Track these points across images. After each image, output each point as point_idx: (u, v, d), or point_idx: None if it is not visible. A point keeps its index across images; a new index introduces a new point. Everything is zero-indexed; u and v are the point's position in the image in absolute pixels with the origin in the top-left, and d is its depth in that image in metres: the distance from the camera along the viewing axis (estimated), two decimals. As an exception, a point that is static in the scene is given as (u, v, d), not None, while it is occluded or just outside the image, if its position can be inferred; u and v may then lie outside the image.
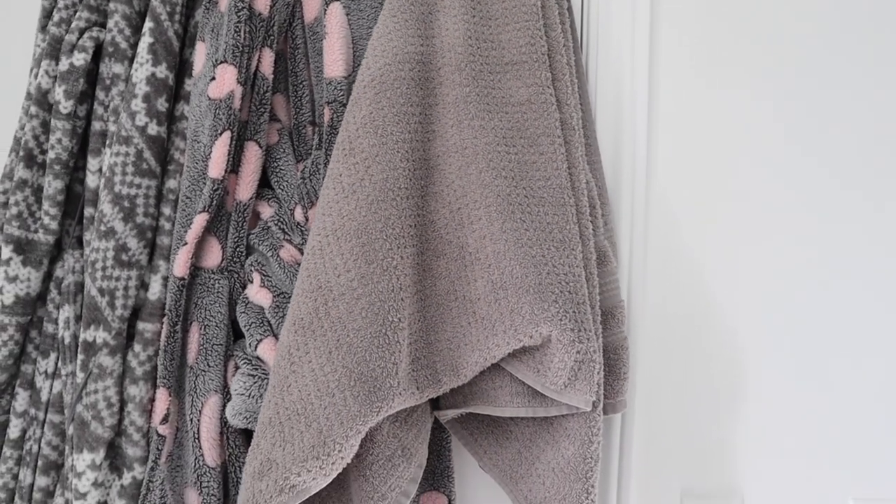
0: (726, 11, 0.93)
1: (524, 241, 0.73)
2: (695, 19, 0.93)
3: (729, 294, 0.93)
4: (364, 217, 0.72)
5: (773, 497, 0.94)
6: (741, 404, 0.93)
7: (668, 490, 0.93)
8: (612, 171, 0.90)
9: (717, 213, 0.93)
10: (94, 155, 0.83)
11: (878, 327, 0.94)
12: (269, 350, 0.79)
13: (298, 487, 0.68)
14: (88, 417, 0.78)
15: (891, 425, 0.94)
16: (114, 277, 0.78)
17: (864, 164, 0.93)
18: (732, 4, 0.93)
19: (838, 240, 0.94)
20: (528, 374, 0.74)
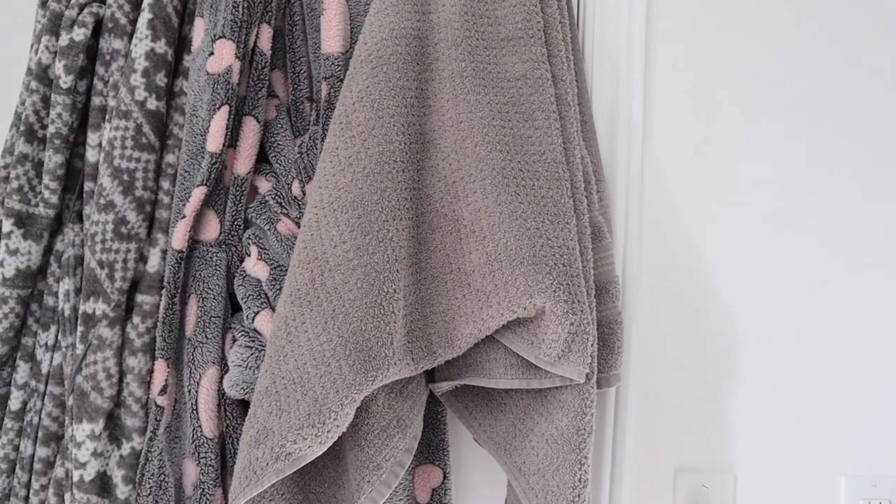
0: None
1: (519, 214, 0.73)
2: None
3: (724, 271, 0.93)
4: (360, 189, 0.73)
5: (766, 474, 0.94)
6: (735, 381, 0.94)
7: (661, 466, 0.94)
8: (608, 147, 0.90)
9: (714, 190, 0.93)
10: (94, 130, 0.84)
11: (869, 308, 0.95)
12: (266, 322, 0.80)
13: (294, 455, 0.69)
14: (88, 388, 0.79)
15: (882, 403, 0.95)
16: (113, 250, 0.79)
17: (859, 150, 0.94)
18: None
19: (833, 220, 0.94)
20: (522, 346, 0.74)
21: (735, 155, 0.93)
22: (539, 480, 0.76)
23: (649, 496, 0.94)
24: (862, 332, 0.95)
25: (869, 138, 0.94)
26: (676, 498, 0.93)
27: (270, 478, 0.69)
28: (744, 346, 0.94)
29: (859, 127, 0.94)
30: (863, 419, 0.94)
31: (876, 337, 0.95)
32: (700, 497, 0.93)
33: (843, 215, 0.94)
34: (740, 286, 0.94)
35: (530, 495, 0.77)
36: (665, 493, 0.93)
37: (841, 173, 0.94)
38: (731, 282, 0.94)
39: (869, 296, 0.95)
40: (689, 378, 0.93)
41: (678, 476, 0.93)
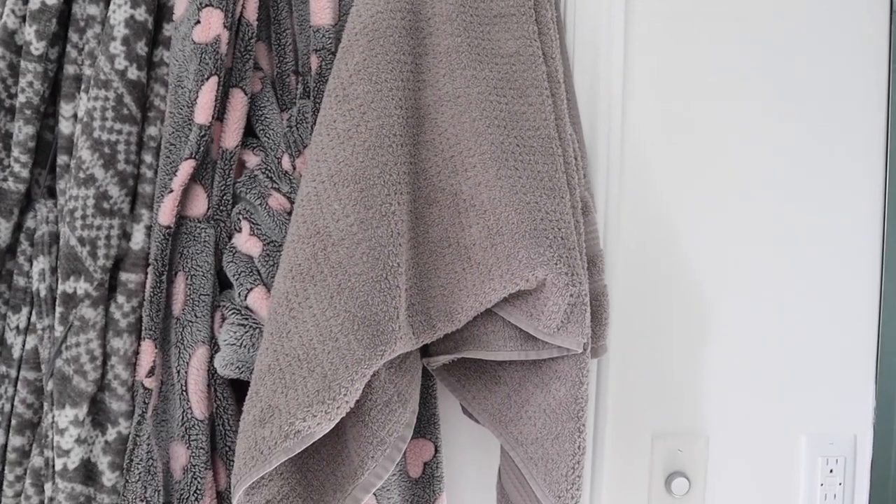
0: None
1: (518, 189, 0.74)
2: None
3: (698, 245, 0.97)
4: (361, 163, 0.72)
5: (734, 435, 0.99)
6: (707, 350, 0.98)
7: (639, 432, 0.97)
8: (589, 124, 0.92)
9: (691, 167, 0.97)
10: (68, 100, 0.79)
11: (827, 283, 1.01)
12: (260, 299, 0.78)
13: (304, 433, 0.68)
14: (70, 372, 0.75)
15: (837, 368, 1.01)
16: (94, 226, 0.76)
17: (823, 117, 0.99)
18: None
19: (804, 191, 1.00)
20: (521, 319, 0.76)
21: (713, 133, 0.97)
22: (538, 449, 0.78)
23: (629, 461, 0.97)
24: (821, 305, 1.01)
25: (844, 122, 1.00)
26: (654, 462, 0.97)
27: (279, 456, 0.68)
28: (715, 317, 0.98)
29: (835, 108, 1.00)
30: (820, 383, 1.01)
31: (832, 310, 1.01)
32: (675, 460, 0.98)
33: (818, 188, 1.00)
34: (712, 260, 0.98)
35: (529, 464, 0.79)
36: (643, 458, 0.97)
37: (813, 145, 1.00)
38: (703, 256, 0.98)
39: (825, 273, 1.01)
40: (665, 348, 0.97)
41: (655, 441, 0.97)
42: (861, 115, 1.01)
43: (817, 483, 1.00)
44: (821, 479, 1.00)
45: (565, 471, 0.76)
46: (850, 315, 1.01)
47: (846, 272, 1.01)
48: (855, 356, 1.01)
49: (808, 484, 1.01)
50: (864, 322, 1.01)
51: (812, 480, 1.00)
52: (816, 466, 1.00)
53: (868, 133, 1.01)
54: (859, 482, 1.02)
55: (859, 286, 1.01)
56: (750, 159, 0.98)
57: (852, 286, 1.01)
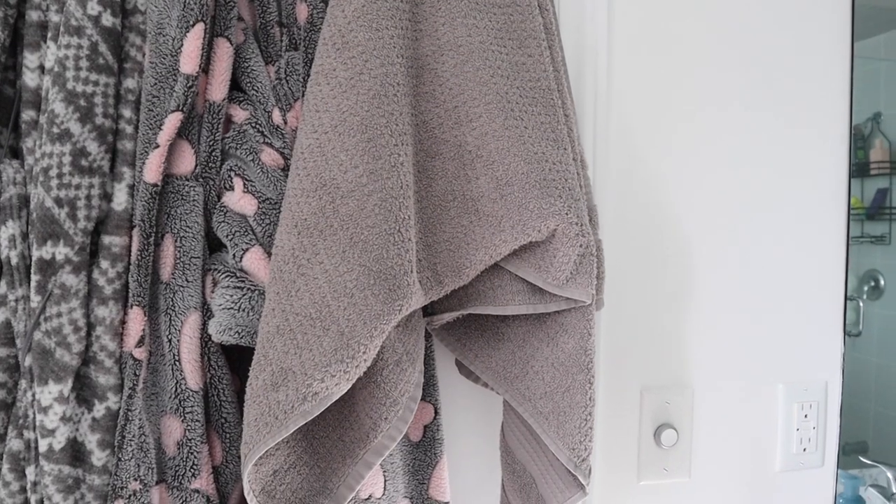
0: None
1: (525, 139, 0.73)
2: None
3: (683, 201, 0.99)
4: (367, 112, 0.69)
5: (717, 386, 1.02)
6: (691, 303, 1.00)
7: (629, 386, 0.98)
8: (576, 77, 0.92)
9: (675, 121, 0.98)
10: (33, 49, 0.72)
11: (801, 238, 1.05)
12: (257, 260, 0.74)
13: (322, 394, 0.65)
14: (52, 345, 0.69)
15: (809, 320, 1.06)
16: (73, 185, 0.69)
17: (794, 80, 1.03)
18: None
19: (778, 150, 1.03)
20: (529, 272, 0.75)
21: (695, 88, 0.99)
22: (548, 403, 0.77)
23: (619, 414, 0.98)
24: (794, 259, 1.05)
25: (819, 80, 1.03)
26: (643, 414, 0.99)
27: (297, 420, 0.64)
28: (699, 272, 1.00)
29: (814, 69, 1.03)
30: (795, 334, 1.05)
31: (804, 265, 1.05)
32: (663, 413, 0.99)
33: (790, 151, 1.03)
34: (695, 214, 1.00)
35: (539, 419, 0.78)
36: (632, 411, 0.98)
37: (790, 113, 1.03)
38: (688, 212, 1.00)
39: (798, 231, 1.05)
40: (652, 303, 0.99)
41: (644, 394, 0.99)
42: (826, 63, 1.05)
43: (794, 428, 1.05)
44: (797, 423, 1.04)
45: (578, 423, 0.75)
46: (821, 271, 1.06)
47: (817, 232, 1.05)
48: (825, 308, 1.06)
49: (785, 429, 1.05)
50: (832, 277, 1.06)
51: (789, 425, 1.05)
52: (793, 412, 1.04)
53: (833, 77, 1.05)
54: (830, 425, 1.07)
55: (828, 244, 1.06)
56: (730, 116, 1.00)
57: (822, 245, 1.06)
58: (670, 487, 1.01)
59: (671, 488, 1.01)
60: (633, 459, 0.99)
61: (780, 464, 1.05)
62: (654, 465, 0.99)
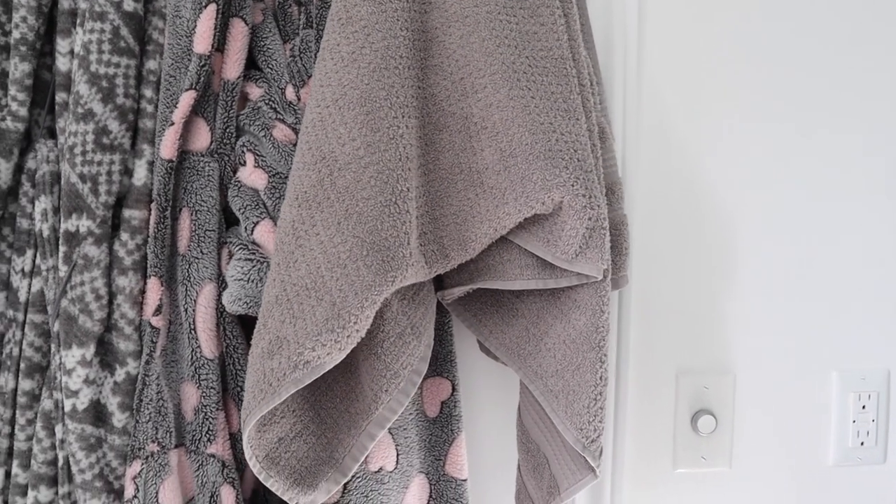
0: None
1: (531, 109, 0.71)
2: None
3: (722, 172, 0.94)
4: (367, 85, 0.69)
5: (763, 373, 0.96)
6: (732, 283, 0.95)
7: (663, 368, 0.94)
8: (604, 48, 0.89)
9: (712, 92, 0.93)
10: (64, 35, 0.77)
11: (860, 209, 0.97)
12: (267, 233, 0.76)
13: (313, 363, 0.66)
14: (76, 311, 0.73)
15: (869, 301, 0.98)
16: (95, 162, 0.73)
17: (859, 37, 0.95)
18: None
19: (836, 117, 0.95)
20: (537, 245, 0.73)
21: (733, 57, 0.93)
22: (558, 381, 0.76)
23: (652, 399, 0.94)
24: (851, 235, 0.97)
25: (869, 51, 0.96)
26: (678, 400, 0.94)
27: (289, 388, 0.66)
28: (741, 249, 0.95)
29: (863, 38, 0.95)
30: (852, 317, 0.97)
31: (864, 241, 0.97)
32: (701, 398, 0.95)
33: (838, 125, 0.96)
34: (738, 187, 0.94)
35: (549, 397, 0.76)
36: (667, 396, 0.94)
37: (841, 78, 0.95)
38: (728, 185, 0.94)
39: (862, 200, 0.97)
40: (689, 281, 0.94)
41: (680, 378, 0.94)
42: None
43: (849, 420, 0.97)
44: (853, 415, 0.97)
45: (587, 402, 0.73)
46: (884, 246, 0.97)
47: (879, 195, 0.97)
48: (889, 289, 0.97)
49: (839, 421, 0.97)
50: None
51: (844, 417, 0.97)
52: (848, 403, 0.97)
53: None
54: (894, 418, 0.98)
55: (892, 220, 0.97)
56: (777, 81, 0.94)
57: (887, 214, 0.97)
58: (709, 477, 0.96)
59: (710, 478, 0.96)
60: (669, 446, 0.95)
61: (833, 458, 0.97)
62: (691, 453, 0.95)
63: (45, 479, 0.76)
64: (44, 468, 0.76)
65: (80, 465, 0.74)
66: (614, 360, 0.92)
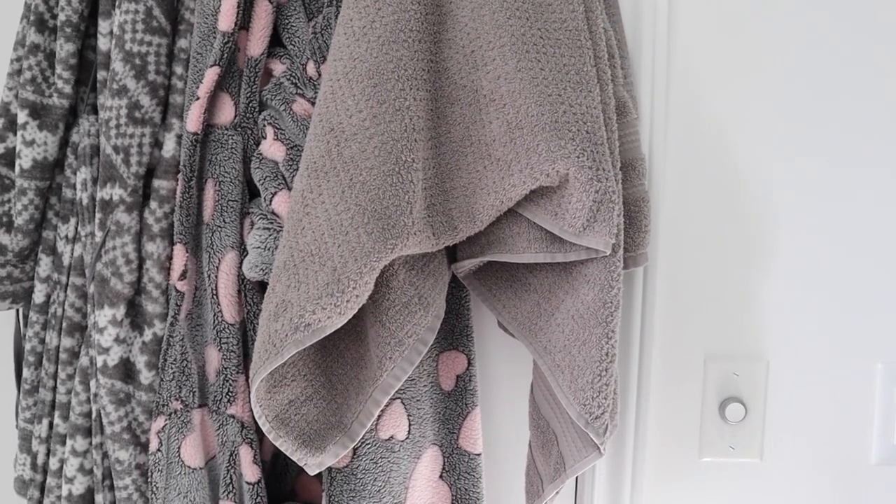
0: None
1: (540, 81, 0.71)
2: None
3: (755, 151, 0.90)
4: (375, 58, 0.71)
5: (799, 361, 0.92)
6: (767, 266, 0.91)
7: (690, 352, 0.91)
8: (632, 21, 0.87)
9: (744, 61, 0.89)
10: (105, 17, 0.82)
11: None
12: (284, 202, 0.79)
13: (314, 326, 0.68)
14: (108, 274, 0.78)
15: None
16: (127, 135, 0.78)
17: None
18: None
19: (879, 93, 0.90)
20: (545, 218, 0.72)
21: (769, 30, 0.89)
22: (565, 357, 0.75)
23: (678, 384, 0.92)
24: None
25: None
26: (706, 386, 0.91)
27: (290, 349, 0.68)
28: (777, 229, 0.90)
29: None
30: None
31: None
32: (730, 385, 0.91)
33: (885, 100, 0.90)
34: (773, 166, 0.90)
35: (556, 372, 0.76)
36: (695, 381, 0.91)
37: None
38: (764, 163, 0.90)
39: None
40: (720, 262, 0.91)
41: (708, 363, 0.91)
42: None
43: (895, 416, 0.91)
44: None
45: (591, 378, 0.72)
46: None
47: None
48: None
49: (883, 416, 0.91)
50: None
51: (888, 412, 0.91)
52: (893, 397, 0.91)
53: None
54: (946, 415, 0.92)
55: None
56: (817, 57, 0.89)
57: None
58: (737, 467, 0.92)
59: (738, 468, 0.92)
60: (695, 434, 0.92)
61: (876, 456, 0.92)
62: (719, 442, 0.91)
63: (81, 430, 0.82)
64: (80, 419, 0.82)
65: (109, 417, 0.79)
66: (637, 342, 0.90)
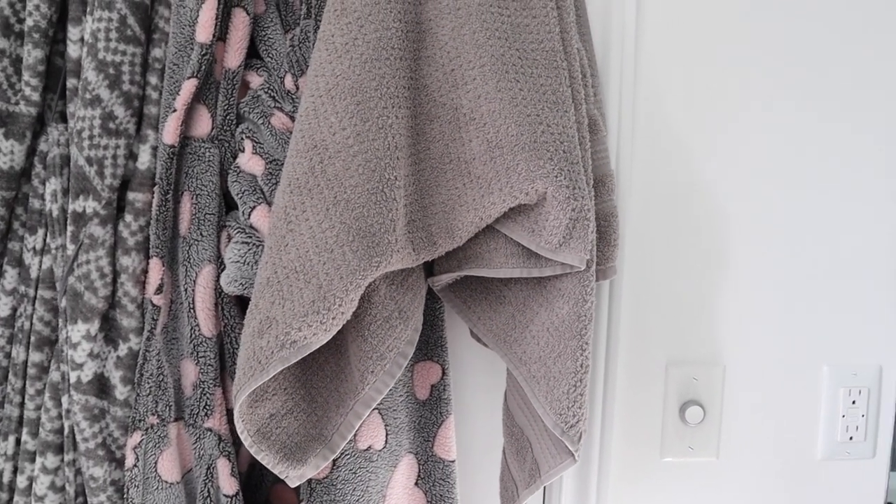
0: None
1: (519, 101, 0.73)
2: None
3: (716, 164, 0.95)
4: (358, 76, 0.71)
5: (753, 365, 0.97)
6: (724, 275, 0.96)
7: (653, 358, 0.96)
8: (602, 40, 0.90)
9: (706, 83, 0.94)
10: (75, 23, 0.80)
11: (856, 204, 0.97)
12: (263, 217, 0.79)
13: (299, 343, 0.69)
14: (81, 288, 0.77)
15: (861, 296, 0.98)
16: (101, 146, 0.77)
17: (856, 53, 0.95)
18: None
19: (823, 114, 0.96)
20: (522, 235, 0.75)
21: (730, 51, 0.94)
22: (541, 368, 0.78)
23: (642, 389, 0.96)
24: (847, 231, 0.97)
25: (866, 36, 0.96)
26: (668, 390, 0.96)
27: (276, 366, 0.69)
28: (734, 241, 0.95)
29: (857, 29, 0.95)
30: (844, 311, 0.98)
31: (855, 235, 0.97)
32: (690, 389, 0.96)
33: (838, 113, 0.96)
34: (730, 183, 0.95)
35: (532, 382, 0.78)
36: (657, 386, 0.96)
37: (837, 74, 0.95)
38: (722, 177, 0.95)
39: (854, 198, 0.97)
40: (682, 272, 0.95)
41: (670, 368, 0.96)
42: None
43: (839, 415, 0.98)
44: (843, 410, 0.98)
45: (566, 388, 0.75)
46: (878, 240, 0.97)
47: (873, 191, 0.97)
48: (882, 284, 0.97)
49: (829, 415, 0.98)
50: (892, 248, 0.97)
51: (833, 412, 0.98)
52: (838, 398, 0.98)
53: None
54: (884, 414, 0.99)
55: (889, 210, 0.97)
56: (772, 78, 0.94)
57: (880, 207, 0.97)
58: (696, 466, 0.97)
59: (697, 467, 0.97)
60: (657, 435, 0.96)
61: (822, 452, 0.98)
62: (679, 443, 0.96)
63: (52, 447, 0.80)
64: (51, 436, 0.80)
65: (84, 434, 0.78)
66: (604, 350, 0.94)
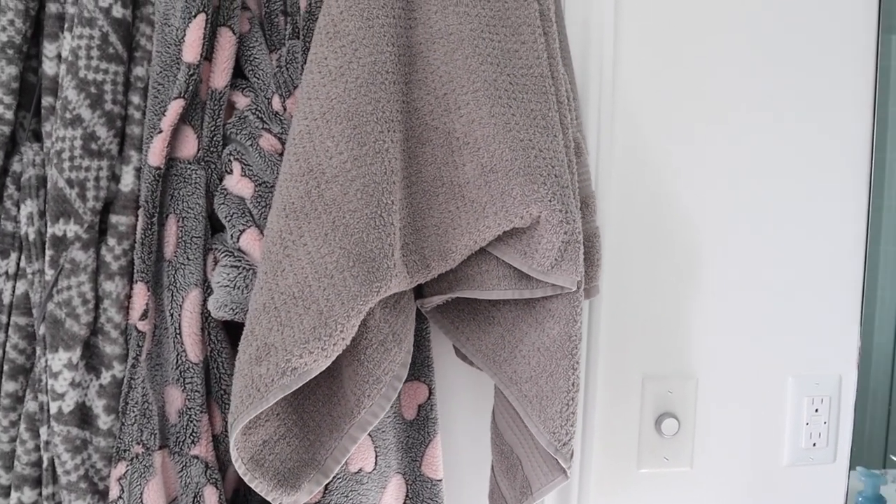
0: None
1: (512, 126, 0.74)
2: None
3: (688, 186, 0.98)
4: (354, 100, 0.71)
5: (723, 376, 1.01)
6: (696, 292, 0.99)
7: (630, 373, 0.98)
8: (581, 65, 0.92)
9: (681, 106, 0.97)
10: (51, 40, 0.77)
11: (817, 221, 1.02)
12: (253, 241, 0.77)
13: (300, 370, 0.68)
14: (62, 315, 0.74)
15: (823, 310, 1.03)
16: (83, 168, 0.74)
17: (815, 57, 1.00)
18: None
19: (792, 134, 1.01)
20: (515, 257, 0.76)
21: (705, 77, 0.97)
22: (532, 387, 0.79)
23: (619, 402, 0.99)
24: (808, 247, 1.02)
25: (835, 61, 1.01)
26: (644, 403, 0.99)
27: (276, 394, 0.68)
28: (704, 260, 0.99)
29: (826, 49, 1.00)
30: (807, 325, 1.03)
31: (817, 254, 1.03)
32: (665, 402, 0.99)
33: (811, 132, 1.01)
34: (702, 202, 0.99)
35: (524, 402, 0.79)
36: (634, 399, 0.99)
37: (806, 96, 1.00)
38: (693, 199, 0.99)
39: (812, 216, 1.03)
40: (657, 290, 0.98)
41: (646, 383, 0.99)
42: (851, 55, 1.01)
43: (803, 422, 1.03)
44: (806, 418, 1.03)
45: (559, 407, 0.77)
46: (837, 258, 1.03)
47: (833, 215, 1.02)
48: (840, 299, 1.03)
49: (793, 423, 1.03)
50: (850, 265, 1.03)
51: (798, 420, 1.03)
52: (802, 406, 1.03)
53: (857, 68, 1.02)
54: (843, 421, 1.04)
55: (846, 230, 1.03)
56: (742, 104, 0.98)
57: (839, 230, 1.03)
58: (671, 476, 1.01)
59: (672, 477, 1.01)
60: (634, 447, 0.99)
61: (787, 458, 1.03)
62: (655, 454, 0.99)
63: (28, 481, 0.77)
64: (28, 469, 0.77)
65: (65, 466, 0.75)
66: (584, 366, 0.96)
